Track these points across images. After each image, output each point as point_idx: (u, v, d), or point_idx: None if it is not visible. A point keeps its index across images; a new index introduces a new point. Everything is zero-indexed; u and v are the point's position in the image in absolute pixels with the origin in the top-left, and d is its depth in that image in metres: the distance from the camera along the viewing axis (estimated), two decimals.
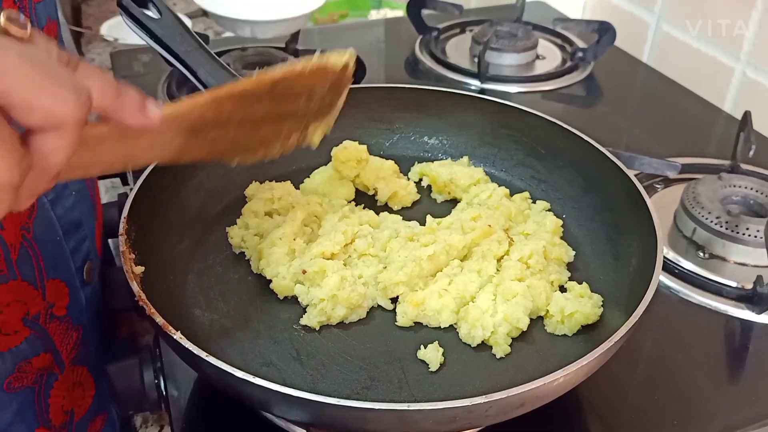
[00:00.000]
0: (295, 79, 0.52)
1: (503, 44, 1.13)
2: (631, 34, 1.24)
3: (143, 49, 1.15)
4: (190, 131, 0.47)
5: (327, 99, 0.58)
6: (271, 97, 0.52)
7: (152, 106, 0.40)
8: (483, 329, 0.57)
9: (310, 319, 0.59)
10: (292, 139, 0.59)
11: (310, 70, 0.52)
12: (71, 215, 0.63)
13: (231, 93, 0.48)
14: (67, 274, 0.63)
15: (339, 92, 0.59)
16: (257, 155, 0.57)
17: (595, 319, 0.59)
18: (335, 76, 0.55)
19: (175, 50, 0.72)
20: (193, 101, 0.46)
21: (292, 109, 0.55)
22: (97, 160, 0.42)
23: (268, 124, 0.54)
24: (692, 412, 0.59)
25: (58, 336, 0.62)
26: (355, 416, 0.45)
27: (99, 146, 0.41)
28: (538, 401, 0.48)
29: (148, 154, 0.47)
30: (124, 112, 0.39)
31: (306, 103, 0.56)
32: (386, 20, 1.48)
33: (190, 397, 0.59)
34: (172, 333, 0.48)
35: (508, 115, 0.76)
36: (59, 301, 0.62)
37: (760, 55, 1.03)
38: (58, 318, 0.62)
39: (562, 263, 0.66)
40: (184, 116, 0.46)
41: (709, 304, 0.69)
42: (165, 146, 0.47)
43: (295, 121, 0.57)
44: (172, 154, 0.48)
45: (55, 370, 0.62)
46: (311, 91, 0.55)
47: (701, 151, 0.93)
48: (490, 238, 0.65)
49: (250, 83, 0.49)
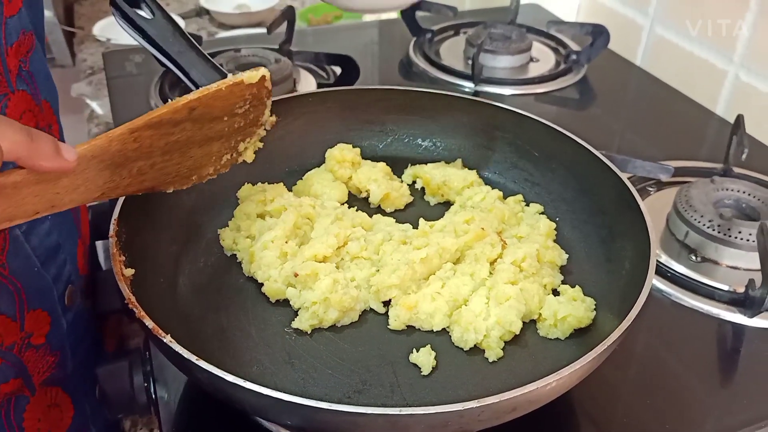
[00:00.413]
0: (211, 99, 0.53)
1: (497, 46, 1.13)
2: (624, 36, 1.24)
3: (136, 49, 1.14)
4: (113, 166, 0.47)
5: (251, 116, 0.59)
6: (192, 121, 0.52)
7: (66, 149, 0.40)
8: (476, 333, 0.57)
9: (301, 322, 0.59)
10: (224, 159, 0.60)
11: (225, 88, 0.54)
12: (48, 241, 0.62)
13: (148, 122, 0.49)
14: (50, 303, 0.62)
15: (262, 107, 0.60)
16: (191, 180, 0.58)
17: (588, 322, 0.59)
18: (252, 92, 0.56)
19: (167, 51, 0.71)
20: (108, 135, 0.46)
21: (217, 131, 0.56)
22: (19, 209, 0.42)
23: (196, 148, 0.55)
24: (684, 416, 0.59)
25: (32, 363, 0.61)
26: (347, 421, 0.44)
27: (17, 194, 0.41)
28: (530, 405, 0.48)
29: (72, 196, 0.46)
30: (38, 158, 0.39)
31: (229, 122, 0.57)
32: (380, 22, 1.48)
33: (179, 400, 0.59)
34: (162, 336, 0.47)
35: (502, 118, 0.76)
36: (38, 330, 0.61)
37: (753, 58, 1.03)
38: (34, 347, 0.60)
39: (555, 266, 0.66)
40: (103, 152, 0.46)
41: (701, 308, 0.69)
42: (89, 185, 0.47)
43: (223, 142, 0.58)
44: (99, 192, 0.48)
45: (26, 393, 0.61)
46: (231, 110, 0.56)
47: (694, 155, 0.93)
48: (483, 241, 0.65)
49: (166, 110, 0.50)
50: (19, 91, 0.59)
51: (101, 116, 1.21)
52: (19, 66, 0.59)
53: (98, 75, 1.35)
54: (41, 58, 0.66)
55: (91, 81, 1.33)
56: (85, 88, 1.29)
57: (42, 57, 0.66)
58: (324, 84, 1.06)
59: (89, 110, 1.24)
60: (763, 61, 1.02)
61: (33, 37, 0.62)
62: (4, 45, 0.55)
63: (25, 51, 0.61)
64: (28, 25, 0.60)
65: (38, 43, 0.65)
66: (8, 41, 0.56)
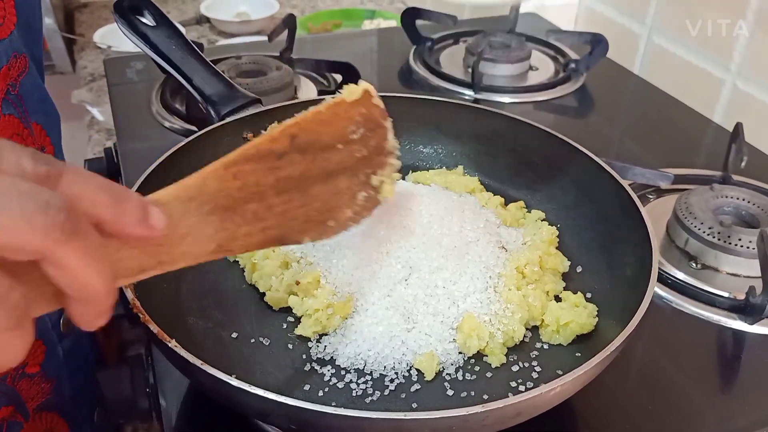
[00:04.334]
0: (312, 124, 0.46)
1: (497, 55, 1.13)
2: (622, 45, 1.25)
3: (136, 56, 1.15)
4: (220, 210, 0.41)
5: (371, 142, 0.51)
6: (299, 152, 0.46)
7: (155, 214, 0.34)
8: (479, 339, 0.57)
9: (305, 329, 0.59)
10: (360, 198, 0.51)
11: (326, 110, 0.47)
12: None
13: (244, 155, 0.42)
14: (42, 332, 0.60)
15: (381, 131, 0.52)
16: (328, 228, 0.49)
17: (591, 328, 0.59)
18: (361, 111, 0.50)
19: (170, 57, 0.72)
20: (201, 173, 0.40)
21: (336, 162, 0.48)
22: (117, 267, 0.35)
23: (318, 185, 0.47)
24: (685, 422, 0.59)
25: (26, 391, 0.60)
26: (351, 425, 0.44)
27: (112, 253, 0.34)
28: (534, 410, 0.48)
29: (181, 249, 0.39)
30: (123, 223, 0.32)
31: (347, 151, 0.49)
32: (379, 30, 1.49)
33: (181, 406, 0.59)
34: (167, 341, 0.47)
35: (504, 125, 0.77)
36: (33, 360, 0.60)
37: (750, 67, 1.04)
38: (29, 376, 0.59)
39: (557, 273, 0.66)
40: (199, 192, 0.39)
41: (702, 315, 0.70)
42: (197, 234, 0.39)
43: (350, 176, 0.50)
44: (213, 244, 0.41)
45: (18, 419, 0.60)
46: (344, 136, 0.49)
47: (692, 162, 0.93)
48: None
49: (262, 139, 0.44)
50: (5, 115, 0.57)
51: (102, 123, 1.22)
52: (6, 90, 0.58)
53: (99, 82, 1.35)
54: (34, 80, 0.64)
55: (92, 88, 1.33)
56: (86, 94, 1.29)
57: (36, 79, 0.64)
58: (325, 91, 1.07)
59: (90, 117, 1.24)
60: (760, 70, 1.03)
61: (26, 59, 0.61)
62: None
63: (15, 75, 0.60)
64: (21, 47, 0.59)
65: (32, 65, 0.63)
66: None
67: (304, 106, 0.78)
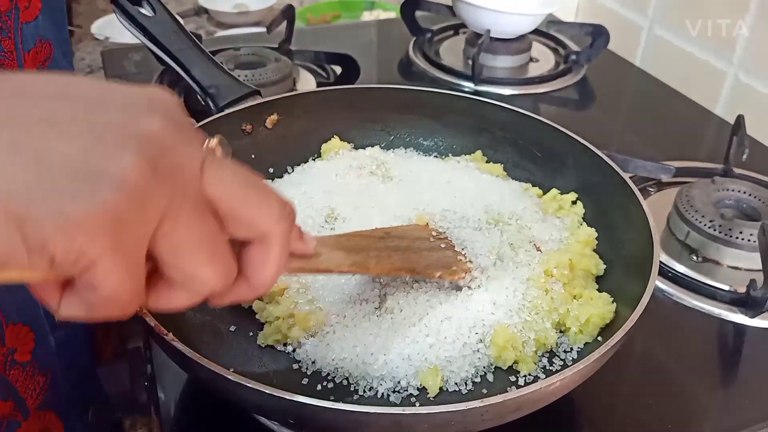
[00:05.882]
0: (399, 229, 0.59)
1: (497, 47, 1.13)
2: (623, 37, 1.24)
3: (134, 47, 1.14)
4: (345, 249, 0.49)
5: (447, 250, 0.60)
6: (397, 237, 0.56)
7: (308, 236, 0.42)
8: (514, 350, 0.54)
9: (265, 337, 0.57)
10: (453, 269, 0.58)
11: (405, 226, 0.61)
12: None
13: (351, 233, 0.53)
14: (34, 318, 0.60)
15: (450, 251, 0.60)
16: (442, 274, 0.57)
17: (611, 317, 0.57)
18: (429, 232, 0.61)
19: (169, 48, 0.71)
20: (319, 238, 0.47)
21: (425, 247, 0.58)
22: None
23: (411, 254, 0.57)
24: (686, 416, 0.59)
25: (21, 383, 0.59)
26: (350, 420, 0.44)
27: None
28: (534, 405, 0.48)
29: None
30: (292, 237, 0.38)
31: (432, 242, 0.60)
32: (378, 21, 1.48)
33: (179, 400, 0.59)
34: (164, 334, 0.47)
35: (505, 117, 0.76)
36: (22, 347, 0.59)
37: (752, 60, 1.03)
38: (20, 364, 0.59)
39: (589, 275, 0.62)
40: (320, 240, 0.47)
41: (703, 308, 0.69)
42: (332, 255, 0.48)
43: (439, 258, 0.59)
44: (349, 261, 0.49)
45: (18, 417, 0.60)
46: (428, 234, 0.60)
47: (693, 155, 0.93)
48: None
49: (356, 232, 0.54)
50: None
51: None
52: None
53: (96, 73, 1.35)
54: (60, 67, 0.64)
55: None
56: None
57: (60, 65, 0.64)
58: (324, 83, 1.06)
59: None
60: (762, 62, 1.02)
61: (51, 46, 0.61)
62: (22, 50, 0.55)
63: (42, 59, 0.60)
64: (46, 33, 0.59)
65: (57, 53, 0.63)
66: (25, 47, 0.55)
67: (303, 98, 0.78)
